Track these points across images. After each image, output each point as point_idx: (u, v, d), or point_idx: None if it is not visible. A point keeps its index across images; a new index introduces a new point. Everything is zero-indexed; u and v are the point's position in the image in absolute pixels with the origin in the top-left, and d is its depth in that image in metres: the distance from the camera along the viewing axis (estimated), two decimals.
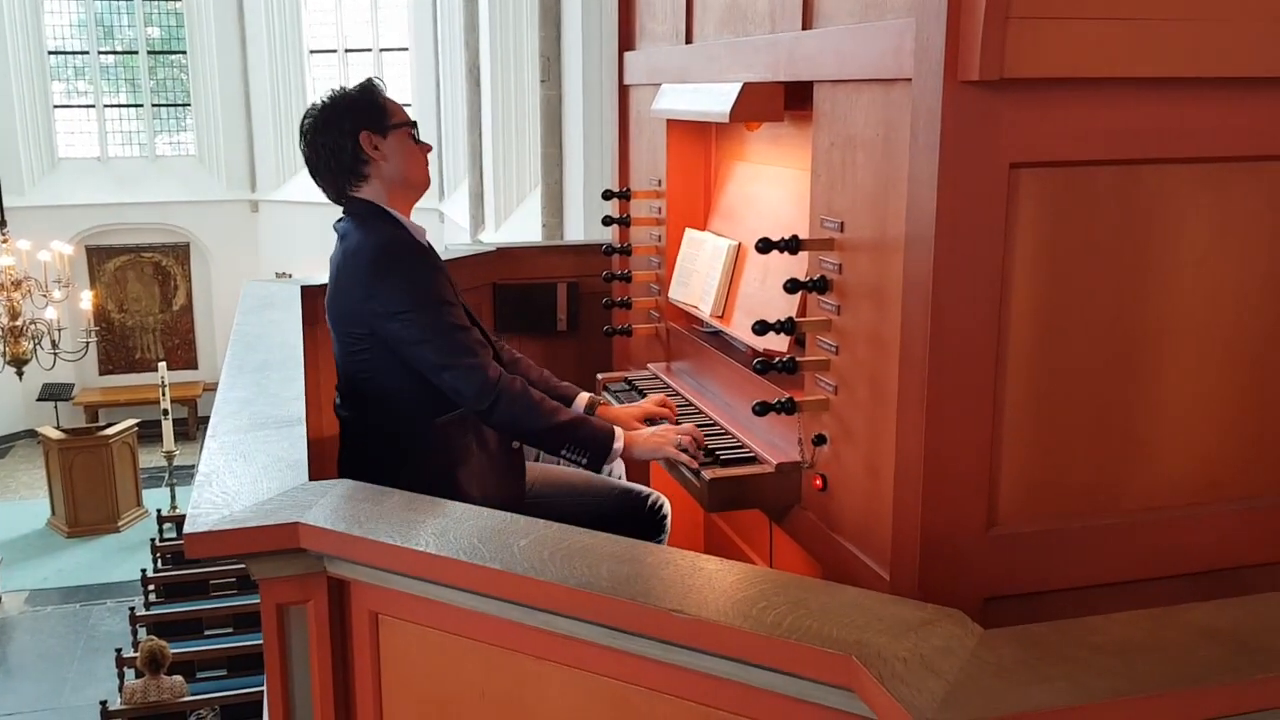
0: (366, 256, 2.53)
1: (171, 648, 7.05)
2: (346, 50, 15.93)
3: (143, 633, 8.04)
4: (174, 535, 10.36)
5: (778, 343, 2.43)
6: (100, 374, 16.10)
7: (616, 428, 2.61)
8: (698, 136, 3.22)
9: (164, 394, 11.46)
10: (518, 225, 9.31)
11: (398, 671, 1.96)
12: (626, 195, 3.50)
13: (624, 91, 3.60)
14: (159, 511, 10.93)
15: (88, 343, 11.88)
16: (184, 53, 16.39)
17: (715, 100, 2.55)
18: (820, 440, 2.24)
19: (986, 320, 1.82)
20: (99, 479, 12.03)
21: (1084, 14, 1.73)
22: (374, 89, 2.64)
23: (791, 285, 2.22)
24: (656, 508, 2.83)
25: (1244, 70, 1.83)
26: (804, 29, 2.27)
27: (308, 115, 2.63)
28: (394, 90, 2.74)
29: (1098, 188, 1.84)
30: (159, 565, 9.66)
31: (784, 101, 2.39)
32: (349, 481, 2.04)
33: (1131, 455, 1.96)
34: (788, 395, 2.29)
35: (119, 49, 16.42)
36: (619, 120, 3.64)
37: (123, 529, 12.15)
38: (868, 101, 1.99)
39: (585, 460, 2.56)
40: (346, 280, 2.58)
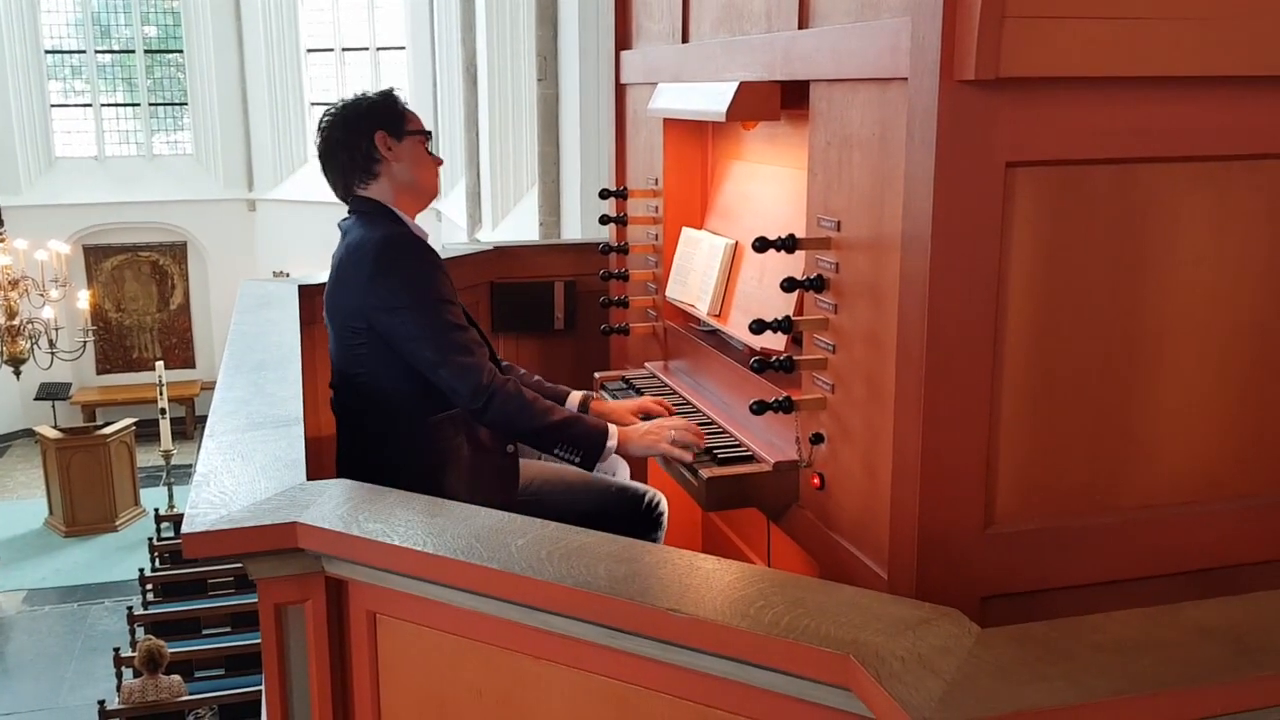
0: (370, 251, 2.54)
1: (169, 647, 7.04)
2: (343, 49, 15.92)
3: (140, 632, 8.04)
4: (172, 534, 10.35)
5: (775, 341, 2.43)
6: (98, 373, 16.09)
7: (611, 425, 2.61)
8: (695, 135, 3.22)
9: (161, 393, 11.46)
10: (515, 224, 9.30)
11: (395, 671, 1.96)
12: (623, 194, 3.51)
13: (621, 90, 3.60)
14: (157, 511, 10.93)
15: (85, 342, 11.88)
16: (181, 52, 16.37)
17: (712, 99, 2.55)
18: (818, 439, 2.24)
19: (983, 319, 1.82)
20: (96, 478, 12.02)
21: (1080, 13, 1.73)
22: (395, 96, 2.72)
23: (788, 284, 2.22)
24: (653, 505, 2.84)
25: (1240, 69, 1.83)
26: (800, 28, 2.27)
27: (327, 112, 2.69)
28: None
29: (1094, 187, 1.84)
30: (157, 565, 9.65)
31: (780, 100, 2.39)
32: (346, 481, 2.04)
33: (1129, 454, 1.96)
34: (785, 394, 2.29)
35: (116, 48, 16.40)
36: (616, 119, 3.64)
37: (120, 528, 12.14)
38: (864, 101, 1.99)
39: (579, 459, 2.57)
40: (348, 273, 2.59)
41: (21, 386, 13.50)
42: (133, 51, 16.38)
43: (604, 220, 3.59)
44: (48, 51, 15.91)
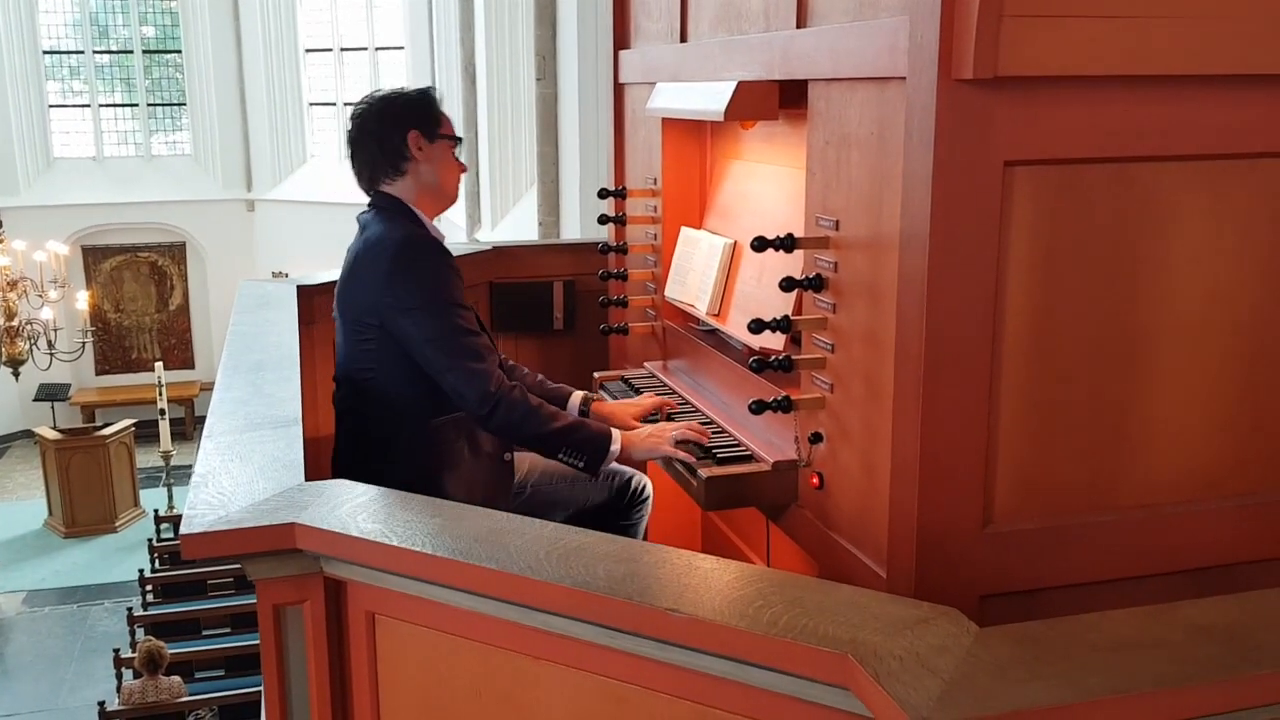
0: (389, 249, 2.55)
1: (169, 648, 7.04)
2: (342, 49, 15.90)
3: (140, 633, 8.03)
4: (171, 535, 10.34)
5: (774, 341, 2.43)
6: (97, 374, 16.07)
7: (614, 430, 2.62)
8: (693, 135, 3.22)
9: (161, 394, 11.45)
10: (514, 224, 9.30)
11: (394, 671, 1.96)
12: (622, 194, 3.51)
13: (619, 90, 3.60)
14: (156, 512, 10.91)
15: (84, 343, 11.89)
16: (179, 52, 16.35)
17: (710, 99, 2.55)
18: (816, 438, 2.24)
19: (982, 318, 1.82)
20: (96, 479, 12.01)
21: (1078, 12, 1.73)
22: (433, 96, 2.72)
23: (787, 283, 2.22)
24: (639, 489, 2.96)
25: (1238, 68, 1.84)
26: (798, 27, 2.27)
27: (365, 100, 2.69)
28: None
29: (1092, 185, 1.84)
30: (156, 565, 9.65)
31: (779, 100, 2.39)
32: (345, 482, 2.04)
33: (1127, 453, 1.96)
34: (784, 393, 2.29)
35: (114, 48, 16.38)
36: (614, 119, 3.65)
37: (120, 529, 12.14)
38: (862, 100, 1.99)
39: (582, 464, 2.58)
40: (365, 269, 2.59)
41: (20, 387, 13.48)
42: (131, 52, 16.37)
43: (603, 220, 3.59)
44: (46, 52, 15.89)
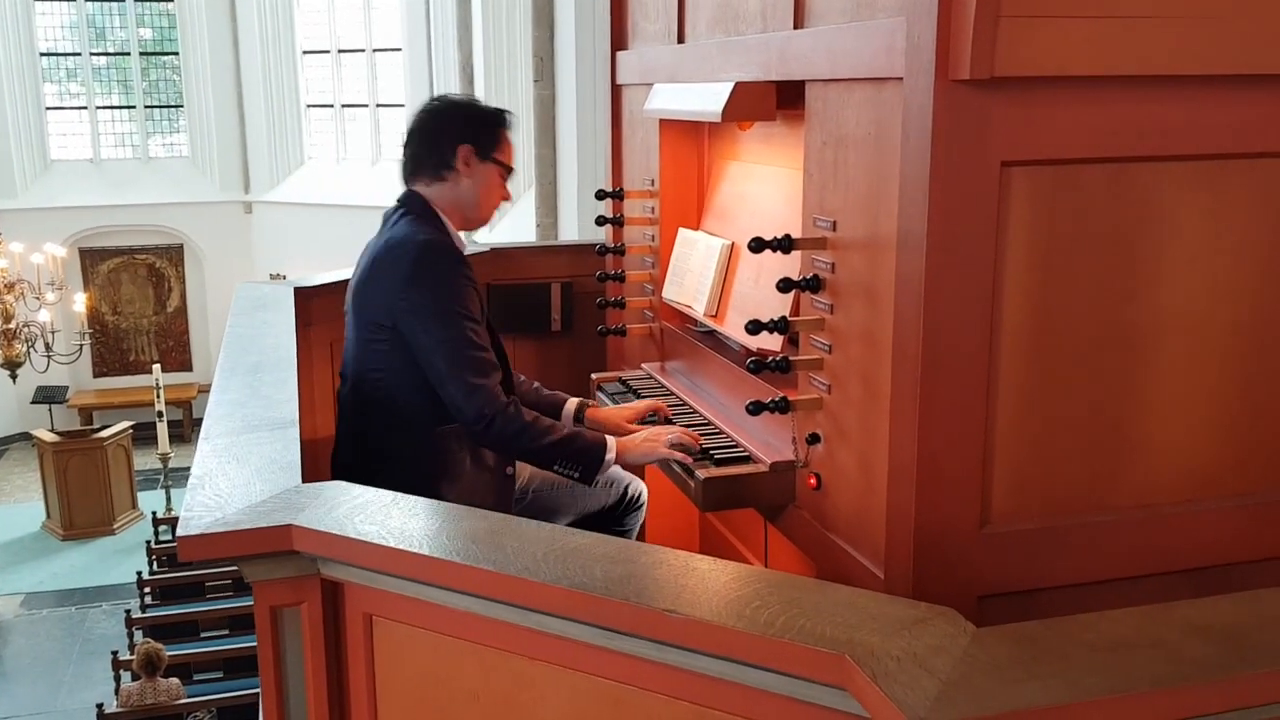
0: (411, 251, 2.55)
1: (167, 650, 7.03)
2: (339, 51, 15.88)
3: (138, 635, 8.02)
4: (169, 538, 10.32)
5: (771, 342, 2.43)
6: (94, 376, 16.04)
7: (609, 438, 2.62)
8: (691, 136, 3.22)
9: (158, 396, 11.43)
10: (512, 225, 9.30)
11: (392, 673, 1.95)
12: (620, 195, 3.51)
13: (617, 91, 3.60)
14: (154, 514, 10.90)
15: (81, 345, 11.87)
16: (176, 54, 16.33)
17: (708, 100, 2.55)
18: (814, 439, 2.24)
19: (979, 318, 1.82)
20: (94, 481, 11.99)
21: (1075, 12, 1.73)
22: (504, 119, 2.72)
23: (785, 284, 2.22)
24: (635, 497, 2.97)
25: (1235, 68, 1.84)
26: (795, 28, 2.27)
27: (437, 97, 2.74)
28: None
29: (1089, 186, 1.84)
30: (154, 568, 9.64)
31: (776, 101, 2.39)
32: (342, 483, 2.03)
33: (1125, 453, 1.96)
34: (781, 394, 2.29)
35: (111, 50, 16.36)
36: (612, 120, 3.64)
37: (118, 531, 12.12)
38: (859, 100, 1.99)
39: (578, 474, 2.59)
40: (384, 269, 2.59)
41: (18, 390, 13.47)
42: (128, 54, 16.34)
43: (600, 221, 3.59)
44: (43, 54, 15.86)
